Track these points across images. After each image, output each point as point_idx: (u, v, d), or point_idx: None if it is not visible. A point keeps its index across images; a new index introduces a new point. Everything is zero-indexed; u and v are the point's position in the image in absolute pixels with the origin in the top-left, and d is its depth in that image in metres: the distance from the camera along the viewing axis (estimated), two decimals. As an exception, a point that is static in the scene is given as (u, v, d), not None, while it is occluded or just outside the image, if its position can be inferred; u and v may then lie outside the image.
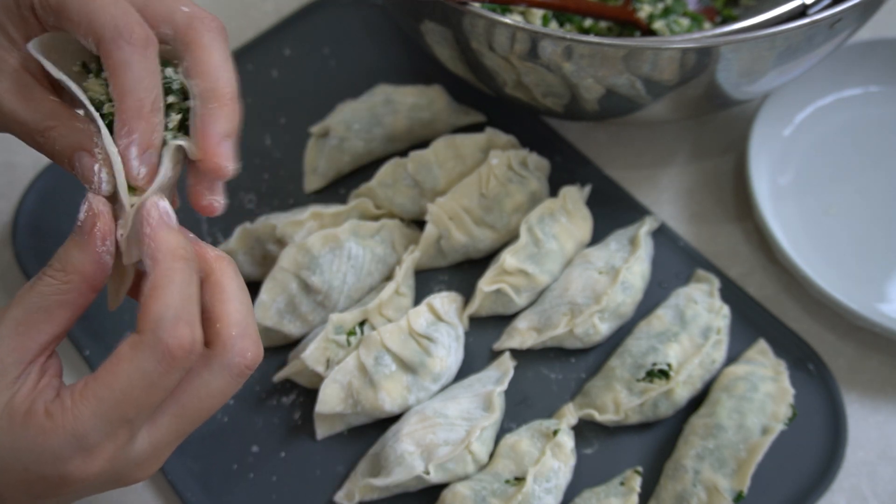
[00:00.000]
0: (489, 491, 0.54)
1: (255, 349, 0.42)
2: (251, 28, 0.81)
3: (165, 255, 0.39)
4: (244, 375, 0.42)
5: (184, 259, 0.40)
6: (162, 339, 0.38)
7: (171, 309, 0.38)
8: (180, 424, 0.41)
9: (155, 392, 0.38)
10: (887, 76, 0.74)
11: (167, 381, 0.38)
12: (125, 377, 0.38)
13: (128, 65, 0.40)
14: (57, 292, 0.40)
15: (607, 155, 0.73)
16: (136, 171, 0.41)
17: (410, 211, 0.67)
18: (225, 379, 0.41)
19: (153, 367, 0.38)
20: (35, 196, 0.70)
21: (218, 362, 0.41)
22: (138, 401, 0.38)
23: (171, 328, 0.38)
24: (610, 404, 0.59)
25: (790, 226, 0.68)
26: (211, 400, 0.41)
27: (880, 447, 0.60)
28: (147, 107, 0.41)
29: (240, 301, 0.42)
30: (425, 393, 0.59)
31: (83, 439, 0.38)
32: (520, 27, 0.55)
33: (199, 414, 0.41)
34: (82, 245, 0.40)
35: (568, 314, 0.62)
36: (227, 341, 0.41)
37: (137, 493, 0.59)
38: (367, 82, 0.74)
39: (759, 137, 0.69)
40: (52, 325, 0.40)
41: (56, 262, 0.40)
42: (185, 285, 0.39)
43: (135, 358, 0.38)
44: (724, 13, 0.73)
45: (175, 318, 0.38)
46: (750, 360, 0.61)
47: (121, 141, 0.40)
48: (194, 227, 0.68)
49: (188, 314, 0.39)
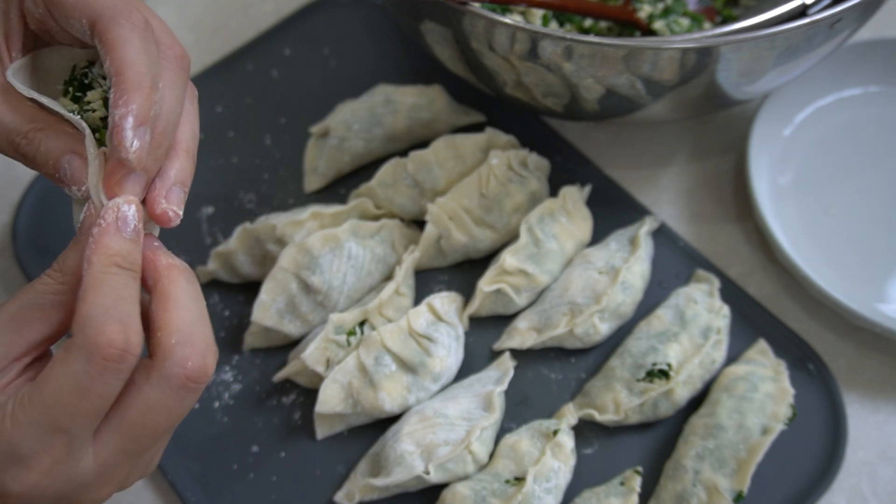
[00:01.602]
0: (489, 491, 0.54)
1: (199, 360, 0.38)
2: (251, 28, 0.81)
3: (100, 259, 0.38)
4: (187, 388, 0.38)
5: (119, 267, 0.38)
6: (89, 337, 0.36)
7: (98, 308, 0.36)
8: (125, 443, 0.39)
9: (88, 398, 0.36)
10: (887, 76, 0.74)
11: (100, 386, 0.36)
12: (55, 382, 0.36)
13: (128, 40, 0.39)
14: (52, 292, 0.39)
15: (607, 155, 0.73)
16: (128, 142, 0.38)
17: (410, 211, 0.67)
18: (164, 392, 0.38)
19: (82, 368, 0.36)
20: (35, 197, 0.70)
21: (157, 373, 0.38)
22: (70, 407, 0.36)
23: (98, 325, 0.36)
24: (610, 404, 0.59)
25: (790, 226, 0.68)
26: (154, 416, 0.38)
27: (880, 447, 0.60)
28: (146, 81, 0.39)
29: (185, 309, 0.39)
30: (425, 393, 0.59)
31: (17, 447, 0.36)
32: (520, 27, 0.55)
33: (143, 431, 0.39)
34: (79, 246, 0.39)
35: (568, 314, 0.62)
36: (166, 350, 0.38)
37: (137, 493, 0.59)
38: (367, 82, 0.74)
39: (759, 137, 0.69)
40: (45, 324, 0.39)
41: (56, 263, 0.40)
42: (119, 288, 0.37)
43: (64, 360, 0.36)
44: (724, 13, 0.73)
45: (103, 317, 0.36)
46: (750, 360, 0.61)
47: (117, 111, 0.38)
48: (194, 226, 0.69)
49: (119, 313, 0.36)
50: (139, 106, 0.39)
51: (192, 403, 0.40)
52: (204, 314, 0.40)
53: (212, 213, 0.69)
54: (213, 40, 0.80)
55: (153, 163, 0.41)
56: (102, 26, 0.40)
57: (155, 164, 0.41)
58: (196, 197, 0.70)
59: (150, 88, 0.39)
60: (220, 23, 0.82)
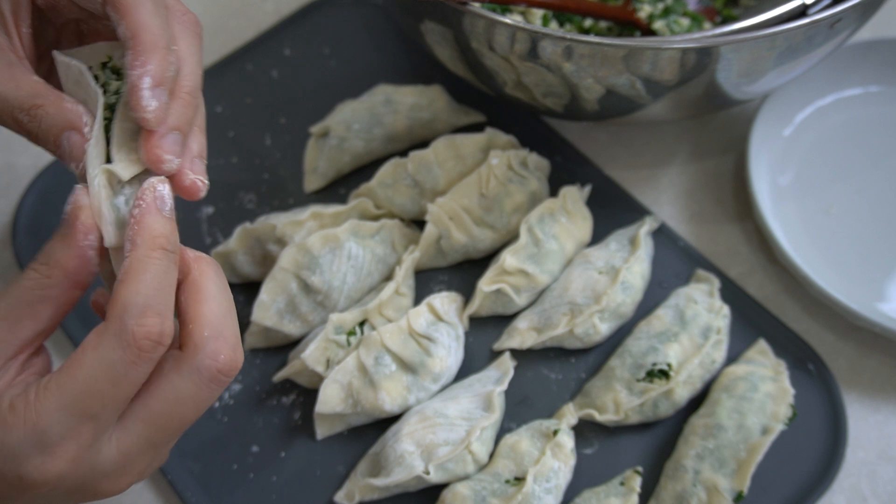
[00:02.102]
0: (489, 491, 0.54)
1: (230, 353, 0.39)
2: (251, 28, 0.81)
3: (145, 241, 0.38)
4: (217, 381, 0.39)
5: (164, 249, 0.38)
6: (128, 326, 0.36)
7: (140, 296, 0.36)
8: (150, 432, 0.39)
9: (120, 385, 0.36)
10: (887, 76, 0.74)
11: (133, 374, 0.36)
12: (88, 368, 0.36)
13: (142, 3, 0.40)
14: (39, 287, 0.39)
15: (607, 155, 0.73)
16: (146, 102, 0.39)
17: (410, 211, 0.67)
18: (195, 383, 0.38)
19: (118, 356, 0.36)
20: (35, 196, 0.70)
21: (188, 365, 0.38)
22: (102, 394, 0.36)
23: (138, 316, 0.36)
24: (610, 404, 0.59)
25: (790, 226, 0.68)
26: (181, 407, 0.39)
27: (880, 447, 0.60)
28: (162, 42, 0.39)
29: (217, 303, 0.40)
30: (425, 393, 0.59)
31: (43, 435, 0.36)
32: (520, 27, 0.55)
33: (170, 422, 0.39)
34: (65, 239, 0.39)
35: (568, 314, 0.62)
36: (199, 342, 0.39)
37: (137, 492, 0.59)
38: (367, 82, 0.74)
39: (759, 137, 0.69)
40: (35, 321, 0.39)
41: (40, 256, 0.39)
42: (161, 275, 0.37)
43: (99, 347, 0.36)
44: (724, 13, 0.73)
45: (144, 307, 0.36)
46: (750, 360, 0.61)
47: (134, 72, 0.39)
48: (194, 226, 0.69)
49: (159, 304, 0.37)
50: (156, 66, 0.39)
51: (218, 395, 0.40)
52: (232, 308, 0.41)
53: (212, 213, 0.69)
54: (212, 40, 0.80)
55: (186, 123, 0.41)
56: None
57: (188, 124, 0.42)
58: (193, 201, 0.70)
59: (165, 49, 0.40)
60: (220, 23, 0.82)
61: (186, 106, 0.42)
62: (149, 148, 0.40)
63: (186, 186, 0.41)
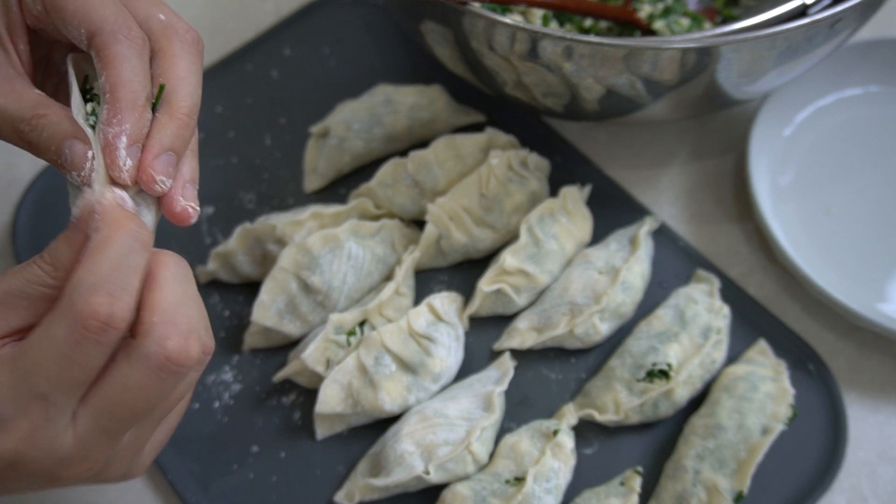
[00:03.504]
0: (489, 491, 0.54)
1: (180, 340, 0.37)
2: (251, 28, 0.81)
3: (107, 223, 0.37)
4: (166, 370, 0.37)
5: (127, 229, 0.37)
6: (75, 304, 0.35)
7: (92, 275, 0.36)
8: (102, 420, 0.38)
9: (67, 366, 0.35)
10: (887, 76, 0.74)
11: (80, 355, 0.35)
12: (37, 345, 0.36)
13: (125, 58, 0.40)
14: (42, 284, 0.38)
15: (607, 155, 0.73)
16: (122, 160, 0.39)
17: (410, 211, 0.67)
18: (142, 371, 0.37)
19: (63, 334, 0.35)
20: (35, 196, 0.70)
21: (136, 351, 0.37)
22: (49, 373, 0.35)
23: (87, 294, 0.35)
24: (610, 404, 0.59)
25: (790, 226, 0.68)
26: (130, 395, 0.37)
27: (880, 447, 0.60)
28: (141, 100, 0.40)
29: (170, 290, 0.38)
30: (425, 393, 0.59)
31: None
32: (520, 27, 0.55)
33: (121, 411, 0.38)
34: (72, 242, 0.39)
35: (568, 314, 0.62)
36: (147, 327, 0.37)
37: (137, 493, 0.59)
38: (367, 82, 0.74)
39: (759, 137, 0.69)
40: (30, 312, 0.39)
41: (47, 254, 0.39)
42: (121, 256, 0.36)
43: (49, 324, 0.36)
44: (724, 13, 0.73)
45: (94, 285, 0.35)
46: (750, 360, 0.61)
47: (111, 129, 0.39)
48: (194, 226, 0.68)
49: (113, 284, 0.36)
50: (132, 126, 0.39)
51: (173, 387, 0.38)
52: (192, 297, 0.39)
53: (212, 213, 0.69)
54: (212, 41, 0.80)
55: (181, 145, 0.41)
56: (101, 41, 0.40)
57: (183, 146, 0.41)
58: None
59: (143, 108, 0.40)
60: (220, 23, 0.82)
61: (182, 127, 0.41)
62: (142, 168, 0.40)
63: (177, 213, 0.41)
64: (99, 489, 0.59)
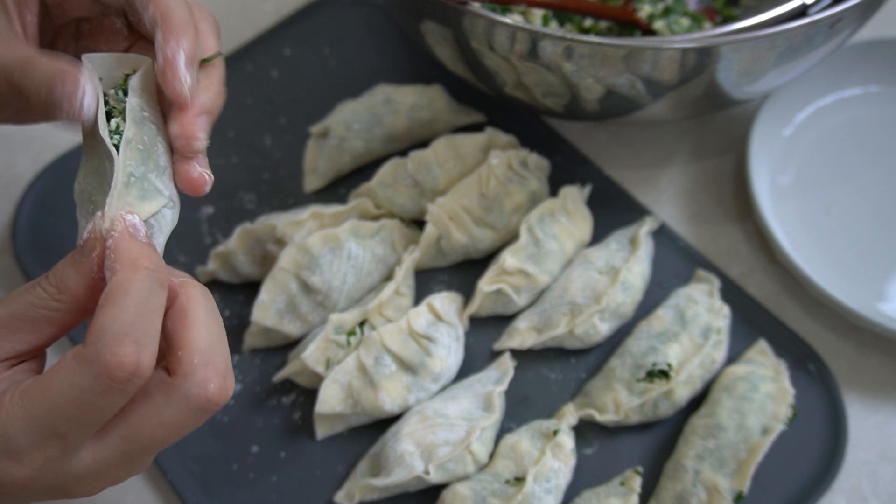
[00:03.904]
0: (489, 491, 0.54)
1: (220, 381, 0.38)
2: (251, 28, 0.81)
3: (125, 265, 0.37)
4: (205, 410, 0.38)
5: (146, 269, 0.37)
6: (101, 354, 0.34)
7: (117, 323, 0.35)
8: (127, 447, 0.38)
9: (89, 411, 0.35)
10: (887, 76, 0.74)
11: (103, 402, 0.35)
12: (58, 388, 0.35)
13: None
14: (47, 308, 0.38)
15: (607, 155, 0.73)
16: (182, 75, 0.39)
17: (410, 211, 0.67)
18: (182, 410, 0.37)
19: (88, 383, 0.35)
20: (35, 196, 0.70)
21: (176, 391, 0.37)
22: (69, 416, 0.35)
23: (113, 344, 0.35)
24: (610, 404, 0.59)
25: (790, 226, 0.68)
26: (163, 430, 0.38)
27: (880, 447, 0.60)
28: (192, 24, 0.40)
29: (206, 327, 0.38)
30: (425, 393, 0.59)
31: (10, 441, 0.35)
32: (520, 27, 0.55)
33: (149, 442, 0.38)
34: (80, 267, 0.38)
35: (568, 314, 0.61)
36: (188, 370, 0.37)
37: (137, 493, 0.59)
38: (367, 82, 0.74)
39: (759, 137, 0.69)
40: (35, 336, 0.38)
41: (52, 276, 0.39)
42: (144, 299, 0.36)
43: (72, 370, 0.35)
44: (724, 13, 0.73)
45: (120, 334, 0.35)
46: (750, 360, 0.61)
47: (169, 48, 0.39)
48: (194, 226, 0.68)
49: (139, 332, 0.35)
50: (189, 45, 0.40)
51: (201, 423, 0.39)
52: (222, 333, 0.40)
53: (212, 213, 0.69)
54: (213, 40, 0.80)
55: (216, 109, 0.42)
56: None
57: (216, 111, 0.42)
58: (196, 197, 0.70)
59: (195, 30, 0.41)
60: (220, 23, 0.82)
61: (218, 95, 0.42)
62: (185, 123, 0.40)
63: (194, 178, 0.41)
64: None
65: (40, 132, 0.75)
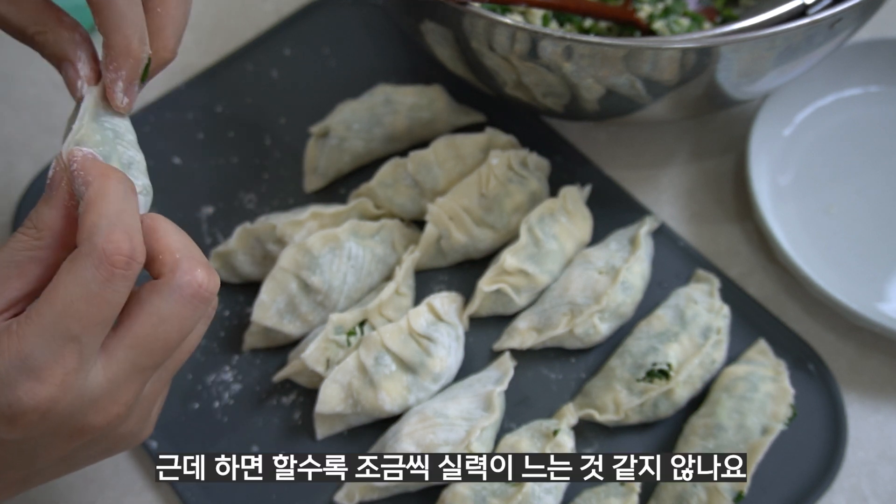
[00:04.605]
0: (489, 491, 0.54)
1: (206, 270, 0.40)
2: (251, 28, 0.81)
3: (97, 176, 0.39)
4: (199, 297, 0.40)
5: (116, 177, 0.39)
6: (97, 244, 0.37)
7: (104, 218, 0.37)
8: (136, 356, 0.39)
9: (97, 304, 0.37)
10: (887, 76, 0.74)
11: (109, 292, 0.37)
12: (63, 290, 0.37)
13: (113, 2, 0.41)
14: (28, 248, 0.40)
15: (607, 155, 0.73)
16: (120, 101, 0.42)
17: (410, 211, 0.67)
18: (177, 301, 0.39)
19: (91, 274, 0.37)
20: (35, 196, 0.70)
21: (167, 286, 0.39)
22: (80, 313, 0.37)
23: (107, 234, 0.37)
24: (610, 404, 0.59)
25: (790, 226, 0.68)
26: (165, 326, 0.39)
27: (880, 447, 0.60)
28: (134, 43, 0.41)
29: (178, 233, 0.41)
30: (425, 393, 0.59)
31: (28, 359, 0.36)
32: (520, 27, 0.55)
33: (155, 343, 0.40)
34: (52, 201, 0.40)
35: (568, 314, 0.62)
36: (174, 265, 0.40)
37: (137, 493, 0.59)
38: (367, 82, 0.74)
39: (759, 137, 0.69)
40: (23, 280, 0.40)
41: (28, 220, 0.40)
42: (120, 199, 0.38)
43: (72, 269, 0.37)
44: (724, 13, 0.73)
45: (110, 226, 0.37)
46: (750, 360, 0.61)
47: (108, 75, 0.42)
48: (194, 226, 0.69)
49: (124, 224, 0.38)
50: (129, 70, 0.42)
51: (200, 317, 0.41)
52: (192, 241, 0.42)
53: (212, 213, 0.69)
54: (212, 40, 0.80)
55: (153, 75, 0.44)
56: None
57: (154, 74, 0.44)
58: (196, 197, 0.70)
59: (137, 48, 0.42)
60: (220, 23, 0.82)
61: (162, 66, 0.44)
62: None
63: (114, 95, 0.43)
64: (99, 488, 0.59)
65: (40, 133, 0.75)
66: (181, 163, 0.71)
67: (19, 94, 0.78)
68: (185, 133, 0.74)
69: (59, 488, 0.59)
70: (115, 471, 0.59)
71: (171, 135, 0.73)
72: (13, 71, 0.79)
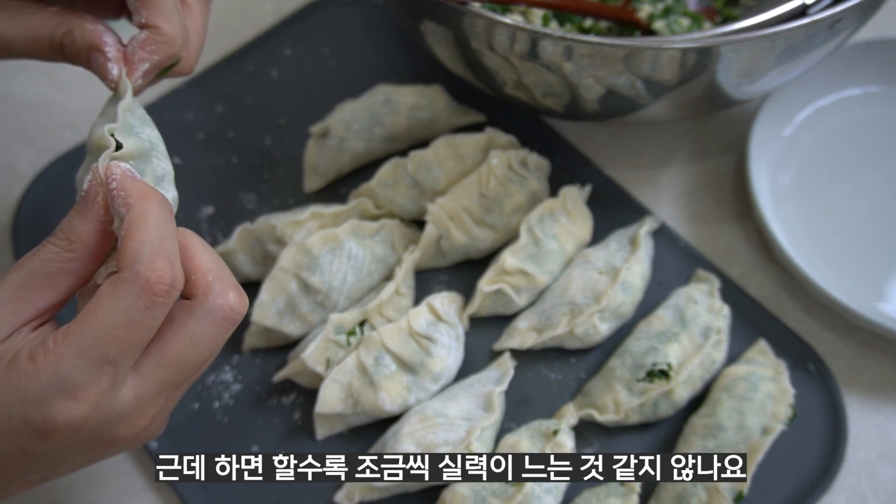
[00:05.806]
0: (489, 491, 0.54)
1: (237, 292, 0.42)
2: (251, 28, 0.81)
3: (137, 199, 0.39)
4: (230, 319, 0.41)
5: (156, 200, 0.40)
6: (140, 273, 0.38)
7: (146, 245, 0.38)
8: (166, 374, 0.40)
9: (136, 330, 0.38)
10: (887, 76, 0.74)
11: (148, 319, 0.38)
12: (104, 315, 0.38)
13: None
14: (60, 260, 0.40)
15: (607, 155, 0.73)
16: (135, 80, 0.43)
17: (410, 211, 0.67)
18: (209, 323, 0.41)
19: (133, 302, 0.37)
20: (35, 196, 0.70)
21: (200, 308, 0.40)
22: (119, 339, 0.38)
23: (148, 262, 0.38)
24: (610, 404, 0.59)
25: (790, 226, 0.68)
26: (196, 348, 0.41)
27: (880, 447, 0.60)
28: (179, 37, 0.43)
29: (209, 253, 0.42)
30: (425, 393, 0.59)
31: (65, 379, 0.37)
32: (520, 27, 0.55)
33: (185, 363, 0.41)
34: (86, 215, 0.41)
35: (568, 314, 0.62)
36: (206, 287, 0.41)
37: (137, 493, 0.59)
38: (367, 82, 0.74)
39: (759, 137, 0.69)
40: (53, 291, 0.40)
41: (60, 231, 0.41)
42: (161, 224, 0.39)
43: (114, 295, 0.38)
44: (724, 13, 0.73)
45: (152, 253, 0.38)
46: (750, 361, 0.61)
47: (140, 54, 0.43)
48: (194, 226, 0.68)
49: (165, 251, 0.39)
50: (161, 58, 0.43)
51: (228, 336, 0.42)
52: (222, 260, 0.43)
53: (212, 213, 0.69)
54: (212, 40, 0.80)
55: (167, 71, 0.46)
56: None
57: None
58: (196, 197, 0.70)
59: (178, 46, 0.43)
60: (220, 23, 0.82)
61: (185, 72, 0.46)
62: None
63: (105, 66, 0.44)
64: (99, 489, 0.59)
65: (40, 132, 0.75)
66: (181, 163, 0.71)
67: (19, 94, 0.78)
68: (185, 133, 0.74)
69: (59, 488, 0.59)
70: (115, 471, 0.59)
71: (171, 135, 0.73)
72: (13, 71, 0.79)
